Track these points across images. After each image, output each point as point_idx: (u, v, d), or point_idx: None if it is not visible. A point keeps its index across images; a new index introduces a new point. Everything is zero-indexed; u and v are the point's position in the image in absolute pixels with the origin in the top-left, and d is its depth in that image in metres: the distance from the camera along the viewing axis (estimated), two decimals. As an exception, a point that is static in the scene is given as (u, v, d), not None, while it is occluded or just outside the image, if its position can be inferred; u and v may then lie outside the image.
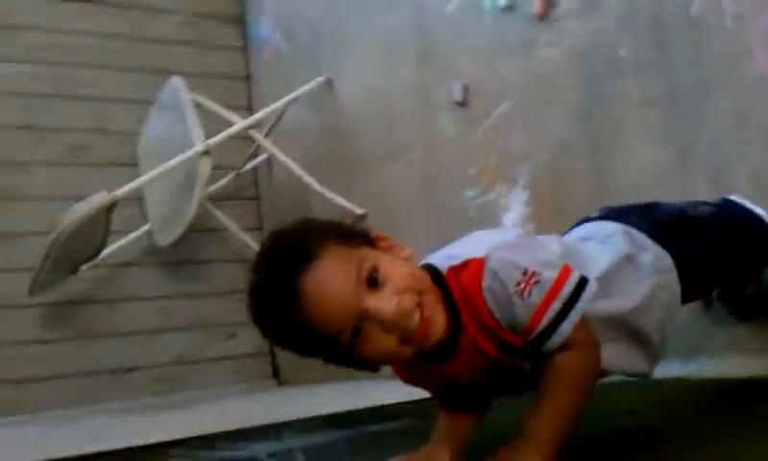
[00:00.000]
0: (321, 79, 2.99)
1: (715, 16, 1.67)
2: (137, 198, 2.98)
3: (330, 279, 0.99)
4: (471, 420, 1.19)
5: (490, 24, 2.26)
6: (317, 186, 2.80)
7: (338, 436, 1.64)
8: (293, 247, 1.01)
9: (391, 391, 2.14)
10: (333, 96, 2.98)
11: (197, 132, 2.67)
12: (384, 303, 0.99)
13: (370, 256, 1.02)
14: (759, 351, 1.60)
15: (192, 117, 2.73)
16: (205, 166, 2.66)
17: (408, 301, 1.00)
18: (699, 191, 1.65)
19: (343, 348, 1.00)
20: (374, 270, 1.00)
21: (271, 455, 1.51)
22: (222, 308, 3.12)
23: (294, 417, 1.88)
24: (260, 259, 1.05)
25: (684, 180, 1.75)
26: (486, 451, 0.98)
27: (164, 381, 3.00)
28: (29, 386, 2.80)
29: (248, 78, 3.52)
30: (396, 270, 1.02)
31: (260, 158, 3.27)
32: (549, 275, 1.01)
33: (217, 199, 3.17)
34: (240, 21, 3.54)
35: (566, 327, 1.00)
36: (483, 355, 1.06)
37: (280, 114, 3.05)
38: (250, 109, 3.45)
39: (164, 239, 2.94)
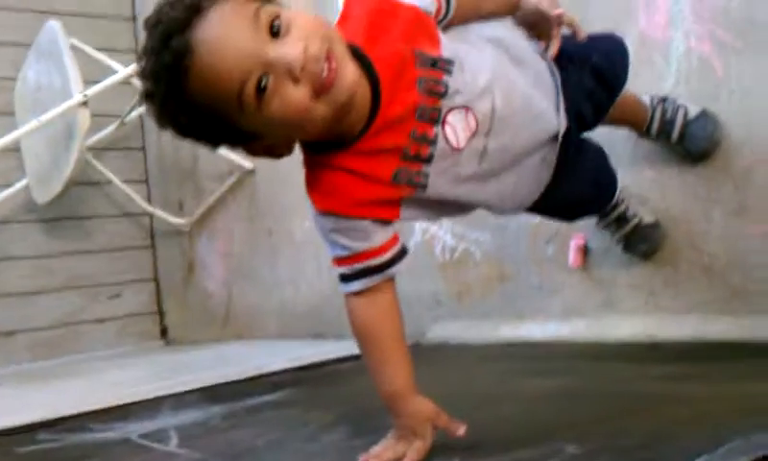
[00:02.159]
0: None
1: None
2: (14, 150, 2.79)
3: (226, 28, 0.88)
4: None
5: None
6: (204, 140, 2.69)
7: (214, 412, 1.60)
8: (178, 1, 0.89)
9: (276, 354, 2.14)
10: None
11: (75, 80, 2.51)
12: (289, 47, 0.88)
13: (269, 5, 0.91)
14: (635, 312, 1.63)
15: (70, 64, 2.55)
16: (84, 118, 2.51)
17: (315, 45, 0.89)
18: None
19: (248, 111, 0.89)
20: (276, 17, 0.90)
21: (143, 436, 1.46)
22: (105, 266, 2.99)
23: (174, 390, 1.81)
24: (149, 19, 0.91)
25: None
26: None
27: (45, 345, 2.85)
28: None
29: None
30: (300, 18, 0.91)
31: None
32: None
33: (100, 149, 3.01)
34: (127, -42, 3.33)
35: None
36: (406, 108, 0.98)
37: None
38: (135, 52, 3.28)
39: (42, 196, 2.78)
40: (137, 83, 2.71)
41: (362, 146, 0.99)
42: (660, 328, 1.57)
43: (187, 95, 0.89)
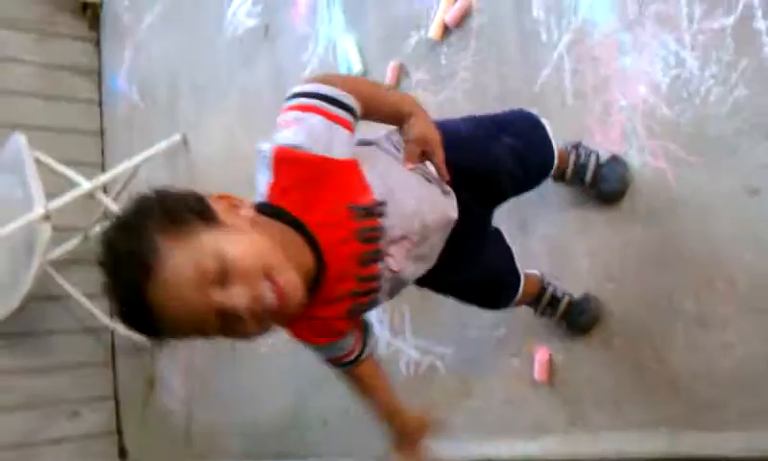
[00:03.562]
0: (176, 137, 2.88)
1: (556, 95, 1.68)
2: (-26, 262, 2.74)
3: (175, 289, 0.94)
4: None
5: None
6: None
7: None
8: (127, 258, 0.94)
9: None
10: (188, 155, 2.86)
11: (37, 194, 2.50)
12: (235, 298, 0.95)
13: (208, 247, 0.95)
14: (603, 427, 1.59)
15: (33, 178, 2.55)
16: (45, 232, 2.49)
17: (257, 286, 0.96)
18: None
19: (214, 337, 1.00)
20: (217, 263, 0.94)
21: None
22: (64, 384, 2.90)
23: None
24: (103, 268, 0.97)
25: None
26: None
27: (0, 468, 2.74)
28: None
29: (101, 133, 3.34)
30: (238, 251, 0.96)
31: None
32: None
33: (62, 262, 2.96)
34: (96, 74, 3.38)
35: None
36: (350, 260, 1.08)
37: (133, 172, 2.90)
38: (102, 166, 3.28)
39: (0, 311, 2.71)
40: (102, 197, 2.74)
41: (320, 297, 1.08)
42: (630, 444, 1.53)
43: (162, 332, 0.98)
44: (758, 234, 1.37)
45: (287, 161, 1.04)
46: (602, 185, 1.55)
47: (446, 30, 1.91)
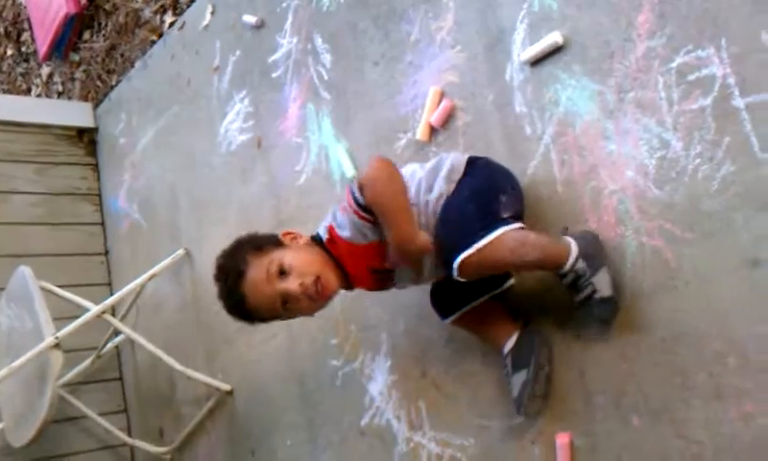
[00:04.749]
0: (179, 252, 2.92)
1: (546, 185, 1.72)
2: (-12, 395, 2.74)
3: (255, 281, 1.65)
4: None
5: (339, 192, 2.26)
6: (177, 366, 2.67)
7: None
8: (230, 268, 1.69)
9: None
10: (193, 268, 2.90)
11: (46, 324, 2.52)
12: (290, 285, 1.64)
13: (276, 256, 1.65)
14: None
15: (41, 308, 2.57)
16: (57, 360, 2.50)
17: (307, 280, 1.64)
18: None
19: (281, 316, 1.71)
20: (280, 266, 1.63)
21: None
22: (88, 503, 2.88)
23: None
24: (215, 278, 1.73)
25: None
26: None
27: None
28: None
29: (106, 253, 3.39)
30: (296, 260, 1.65)
31: (121, 337, 3.11)
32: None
33: (76, 384, 2.97)
34: (96, 197, 3.45)
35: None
36: (366, 269, 1.71)
37: (139, 291, 2.93)
38: (110, 284, 3.32)
39: (18, 440, 2.70)
40: (110, 318, 2.77)
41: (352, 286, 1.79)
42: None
43: (249, 314, 1.72)
44: (766, 305, 1.38)
45: (338, 240, 1.68)
46: (587, 313, 1.58)
47: (433, 131, 1.96)
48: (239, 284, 1.64)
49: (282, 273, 1.63)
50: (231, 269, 1.66)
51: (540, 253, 1.54)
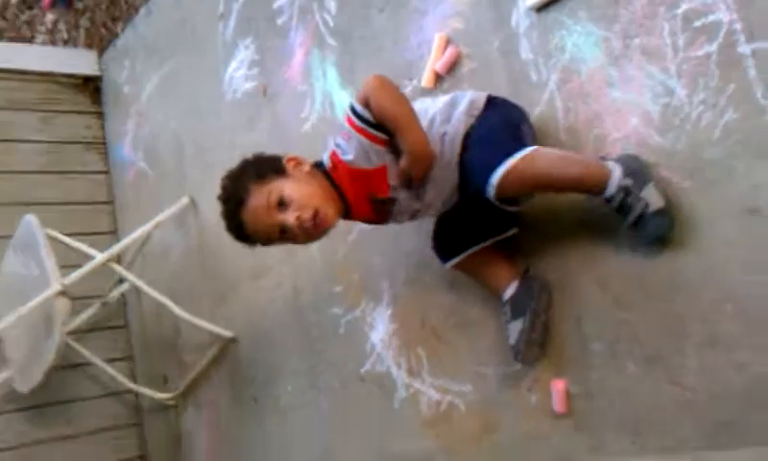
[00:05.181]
0: (184, 200, 2.93)
1: (551, 132, 1.71)
2: (-4, 341, 2.79)
3: (255, 210, 1.67)
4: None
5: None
6: (183, 314, 2.70)
7: None
8: (232, 195, 1.71)
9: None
10: (198, 216, 2.91)
11: (52, 271, 2.55)
12: (288, 217, 1.65)
13: (276, 187, 1.66)
14: (624, 454, 1.60)
15: (47, 256, 2.59)
16: (63, 307, 2.53)
17: (305, 214, 1.65)
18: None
19: (279, 242, 1.73)
20: (280, 197, 1.65)
21: None
22: (93, 449, 2.92)
23: None
24: (220, 196, 1.74)
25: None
26: None
27: None
28: None
29: (112, 202, 3.41)
30: (296, 192, 1.66)
31: (126, 285, 3.14)
32: None
33: (83, 331, 3.01)
34: (102, 145, 3.45)
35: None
36: (367, 197, 1.72)
37: (145, 239, 2.95)
38: (115, 233, 3.34)
39: (24, 386, 2.75)
40: (116, 266, 2.79)
41: (351, 216, 1.79)
42: (654, 469, 1.54)
43: (249, 239, 1.74)
44: (763, 253, 1.39)
45: (341, 165, 1.69)
46: (641, 233, 1.51)
47: (438, 78, 1.95)
48: (239, 211, 1.67)
49: (281, 204, 1.64)
50: (233, 195, 1.69)
51: (582, 168, 1.53)
